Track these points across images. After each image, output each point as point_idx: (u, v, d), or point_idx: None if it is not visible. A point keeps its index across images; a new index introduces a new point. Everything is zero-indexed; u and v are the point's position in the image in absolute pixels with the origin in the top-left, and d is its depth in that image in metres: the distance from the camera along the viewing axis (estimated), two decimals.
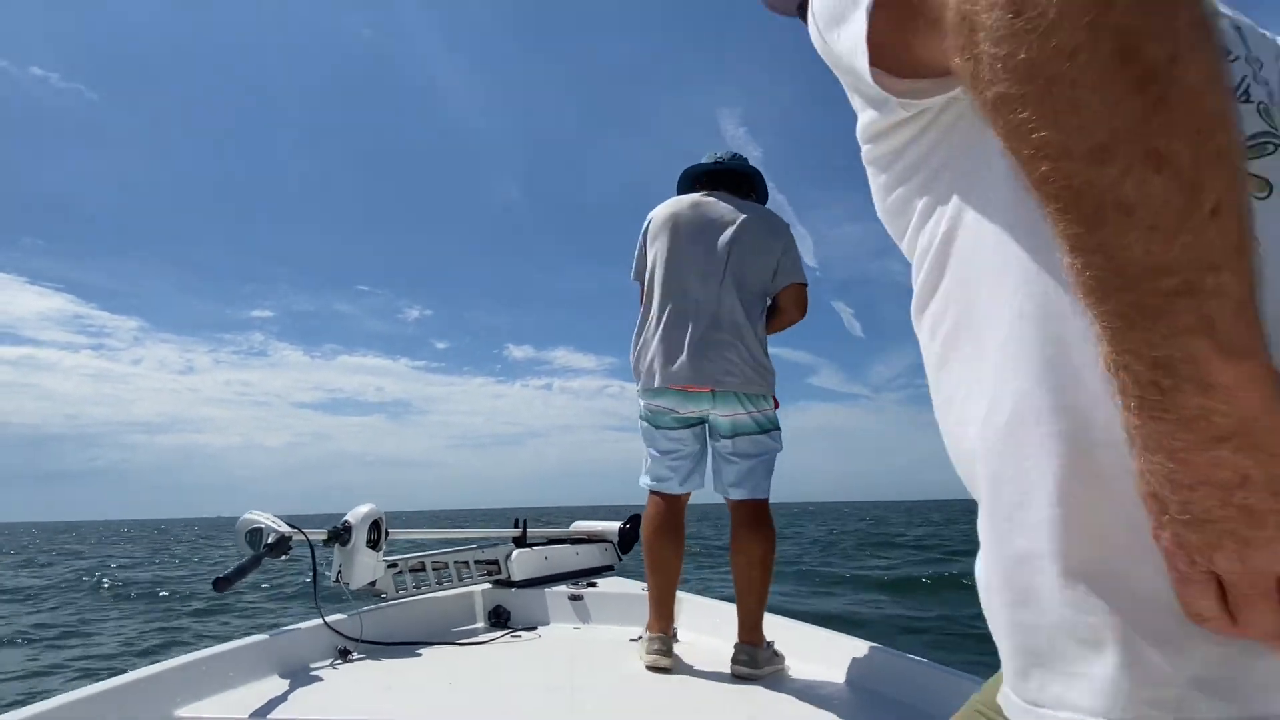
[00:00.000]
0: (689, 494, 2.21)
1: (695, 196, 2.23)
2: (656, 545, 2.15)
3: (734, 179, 2.29)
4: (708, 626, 2.41)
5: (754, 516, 2.12)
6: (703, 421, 2.20)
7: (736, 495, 2.14)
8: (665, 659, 2.03)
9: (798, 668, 2.10)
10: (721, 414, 2.13)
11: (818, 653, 2.14)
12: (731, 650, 2.05)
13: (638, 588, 2.82)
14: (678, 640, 2.23)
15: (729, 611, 2.17)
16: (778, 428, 2.20)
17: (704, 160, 2.31)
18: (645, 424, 2.23)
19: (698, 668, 2.09)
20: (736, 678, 1.98)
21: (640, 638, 2.21)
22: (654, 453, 2.20)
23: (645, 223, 2.27)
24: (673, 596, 2.18)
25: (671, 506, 2.19)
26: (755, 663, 1.99)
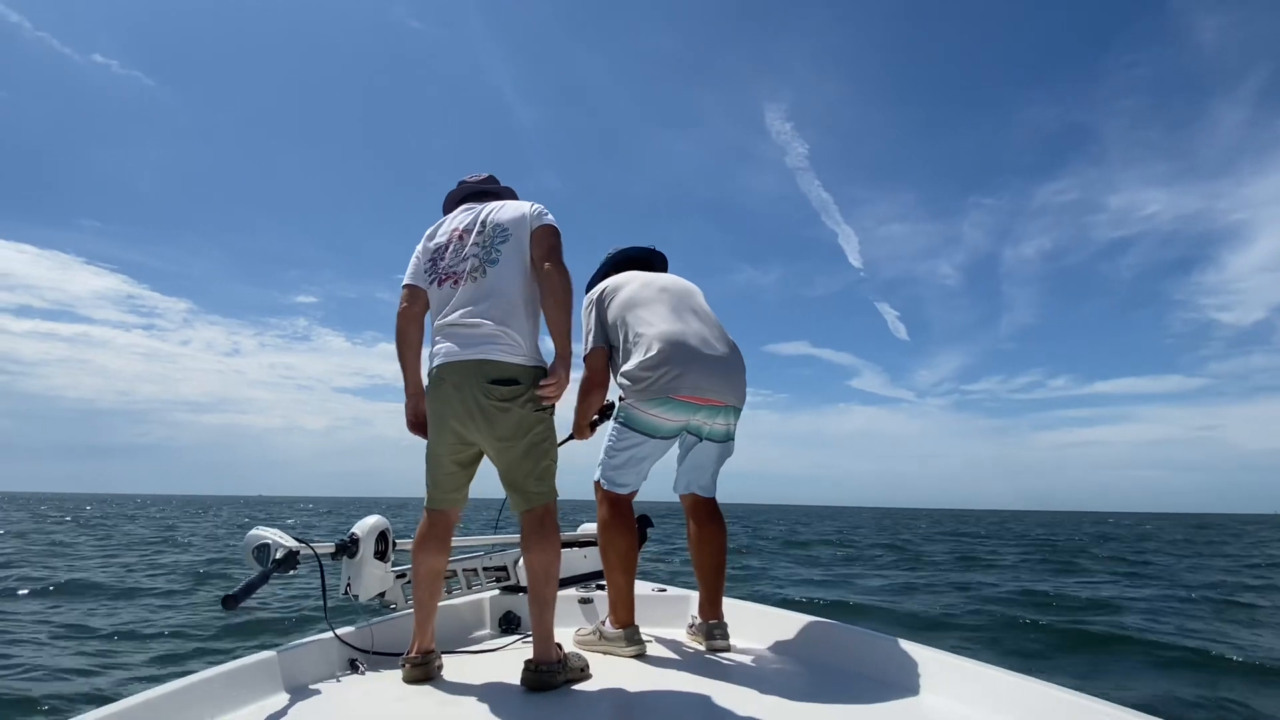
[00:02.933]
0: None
1: (640, 273, 2.53)
2: (624, 545, 2.34)
3: (651, 262, 2.68)
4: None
5: (717, 510, 2.47)
6: (685, 430, 2.37)
7: (708, 494, 2.46)
8: (644, 647, 2.31)
9: (760, 645, 2.39)
10: (723, 424, 2.37)
11: (774, 630, 2.42)
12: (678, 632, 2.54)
13: (649, 588, 2.84)
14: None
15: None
16: None
17: (623, 248, 2.67)
18: (630, 430, 2.31)
19: (667, 655, 2.30)
20: (714, 651, 2.32)
21: (597, 632, 2.38)
22: (629, 458, 2.33)
23: (598, 294, 2.44)
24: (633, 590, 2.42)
25: (629, 507, 2.41)
26: (727, 636, 2.36)
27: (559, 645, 1.98)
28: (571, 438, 2.46)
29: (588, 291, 2.55)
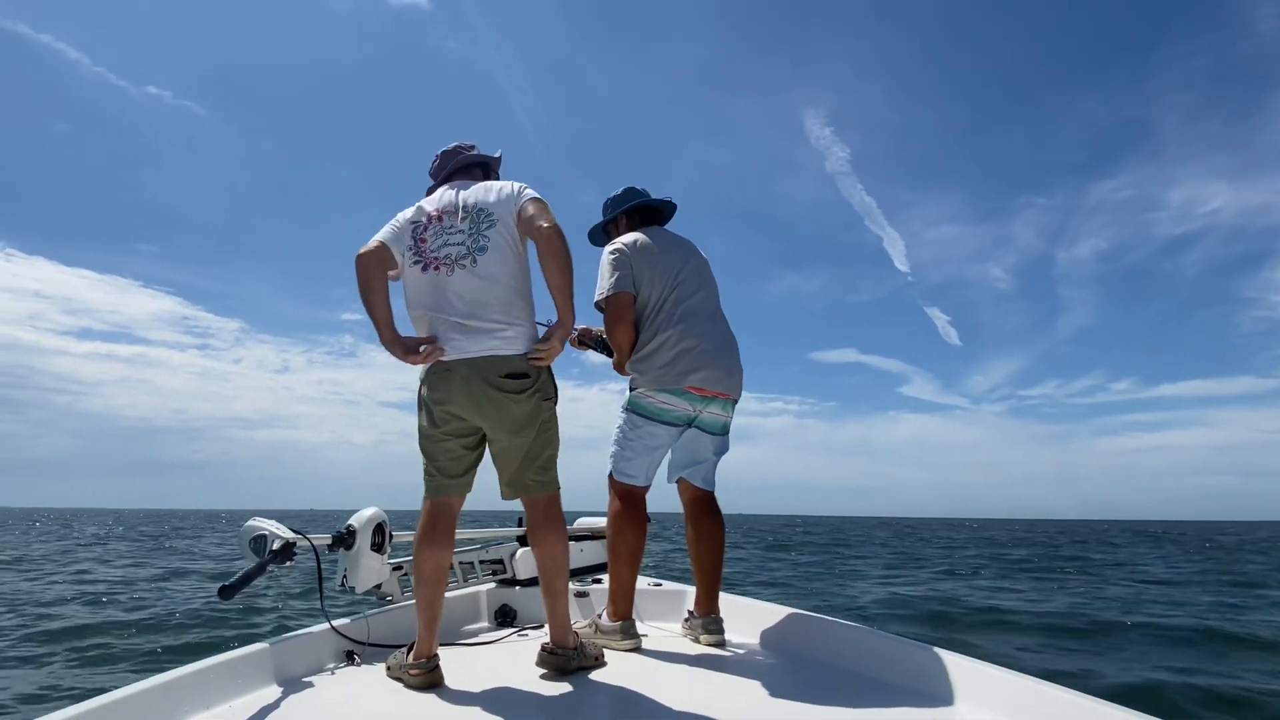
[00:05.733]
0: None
1: (652, 228, 2.52)
2: (633, 538, 2.35)
3: (658, 213, 2.60)
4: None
5: (715, 505, 2.46)
6: (690, 421, 2.38)
7: (709, 487, 2.44)
8: (640, 641, 2.31)
9: (756, 641, 2.39)
10: (720, 415, 2.41)
11: (772, 626, 2.41)
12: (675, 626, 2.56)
13: (645, 583, 2.83)
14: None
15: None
16: None
17: (635, 191, 2.57)
18: (640, 417, 2.35)
19: (662, 649, 2.30)
20: (710, 646, 2.31)
21: (594, 624, 2.39)
22: (640, 447, 2.36)
23: (628, 245, 2.40)
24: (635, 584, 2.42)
25: (641, 501, 2.41)
26: (723, 631, 2.36)
27: (575, 633, 2.04)
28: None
29: (606, 237, 2.57)
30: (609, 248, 2.43)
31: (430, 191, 2.21)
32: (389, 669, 1.99)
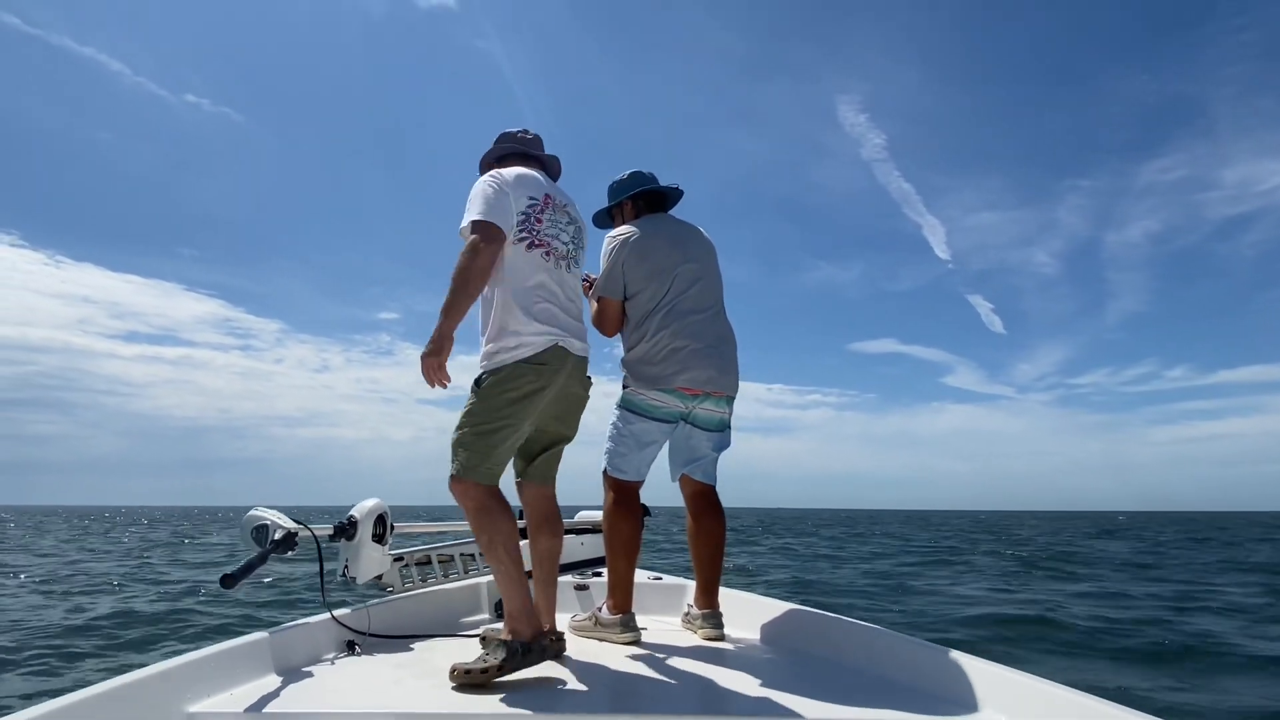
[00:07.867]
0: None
1: (656, 216, 2.49)
2: (628, 532, 2.36)
3: (663, 198, 2.55)
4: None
5: (716, 500, 2.46)
6: (684, 416, 2.39)
7: (709, 480, 2.45)
8: (639, 634, 2.30)
9: (753, 635, 2.39)
10: (715, 411, 2.39)
11: (770, 620, 2.41)
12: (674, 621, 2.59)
13: (645, 577, 2.83)
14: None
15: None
16: None
17: (641, 175, 2.51)
18: (632, 414, 2.36)
19: (661, 643, 2.30)
20: (709, 640, 2.31)
21: (593, 618, 2.39)
22: (633, 443, 2.36)
23: (625, 241, 2.37)
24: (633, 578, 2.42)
25: (635, 494, 2.42)
26: (722, 625, 2.35)
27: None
28: None
29: (610, 220, 2.57)
30: (609, 237, 2.44)
31: (519, 161, 2.14)
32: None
